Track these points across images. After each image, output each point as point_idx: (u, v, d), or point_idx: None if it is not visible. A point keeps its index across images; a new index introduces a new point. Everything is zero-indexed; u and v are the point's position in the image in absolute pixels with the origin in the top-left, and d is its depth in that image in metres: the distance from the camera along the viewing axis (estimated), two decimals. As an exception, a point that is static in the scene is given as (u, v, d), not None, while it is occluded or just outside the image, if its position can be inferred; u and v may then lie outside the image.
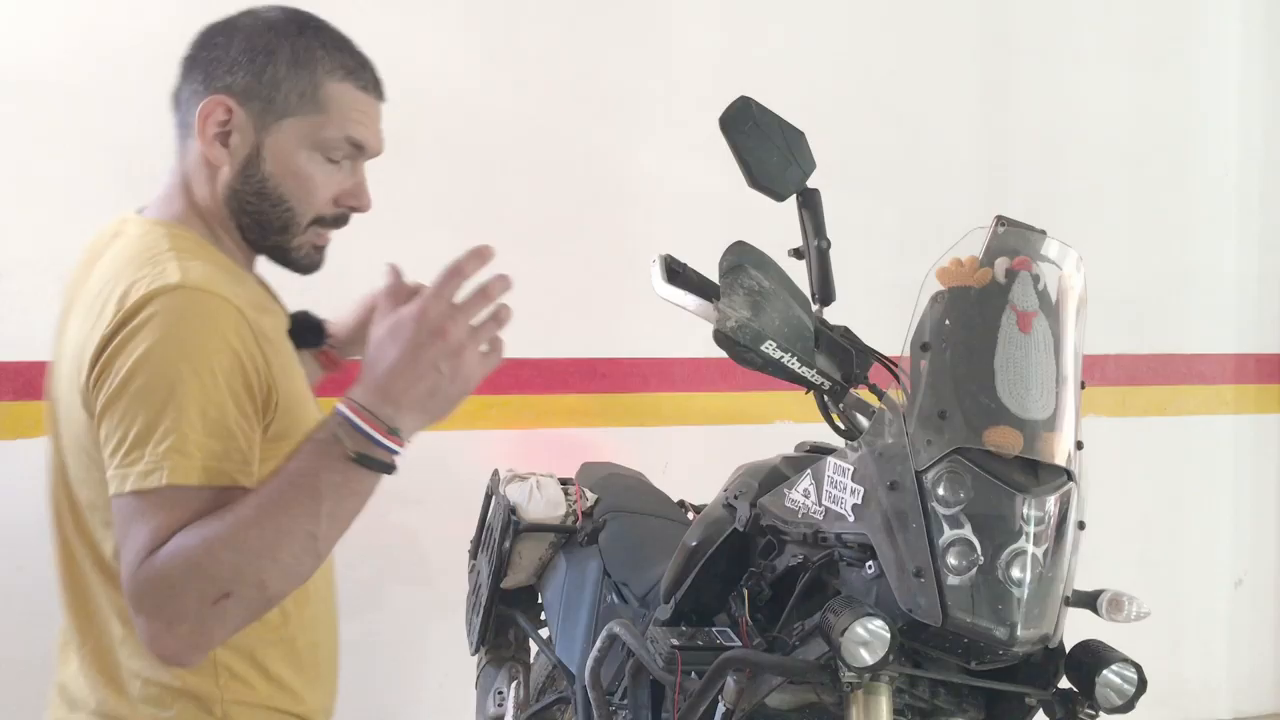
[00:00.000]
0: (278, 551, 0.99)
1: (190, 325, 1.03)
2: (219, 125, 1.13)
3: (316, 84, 1.13)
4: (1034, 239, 1.32)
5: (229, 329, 1.05)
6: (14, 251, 2.63)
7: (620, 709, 1.69)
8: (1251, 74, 3.49)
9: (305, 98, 1.13)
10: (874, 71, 3.17)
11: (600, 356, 2.95)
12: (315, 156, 1.15)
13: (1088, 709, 1.26)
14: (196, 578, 0.97)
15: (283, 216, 1.16)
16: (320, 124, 1.14)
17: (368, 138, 1.17)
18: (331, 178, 1.17)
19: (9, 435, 2.64)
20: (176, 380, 1.01)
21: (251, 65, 1.12)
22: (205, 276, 1.08)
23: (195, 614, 0.97)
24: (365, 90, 1.17)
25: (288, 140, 1.13)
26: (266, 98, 1.12)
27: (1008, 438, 1.21)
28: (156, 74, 2.67)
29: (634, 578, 1.93)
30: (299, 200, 1.16)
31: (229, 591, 0.97)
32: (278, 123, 1.13)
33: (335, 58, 1.14)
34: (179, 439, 1.00)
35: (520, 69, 2.88)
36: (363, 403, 0.99)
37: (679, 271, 1.45)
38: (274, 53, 1.12)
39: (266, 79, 1.12)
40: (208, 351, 1.03)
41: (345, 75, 1.15)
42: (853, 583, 1.32)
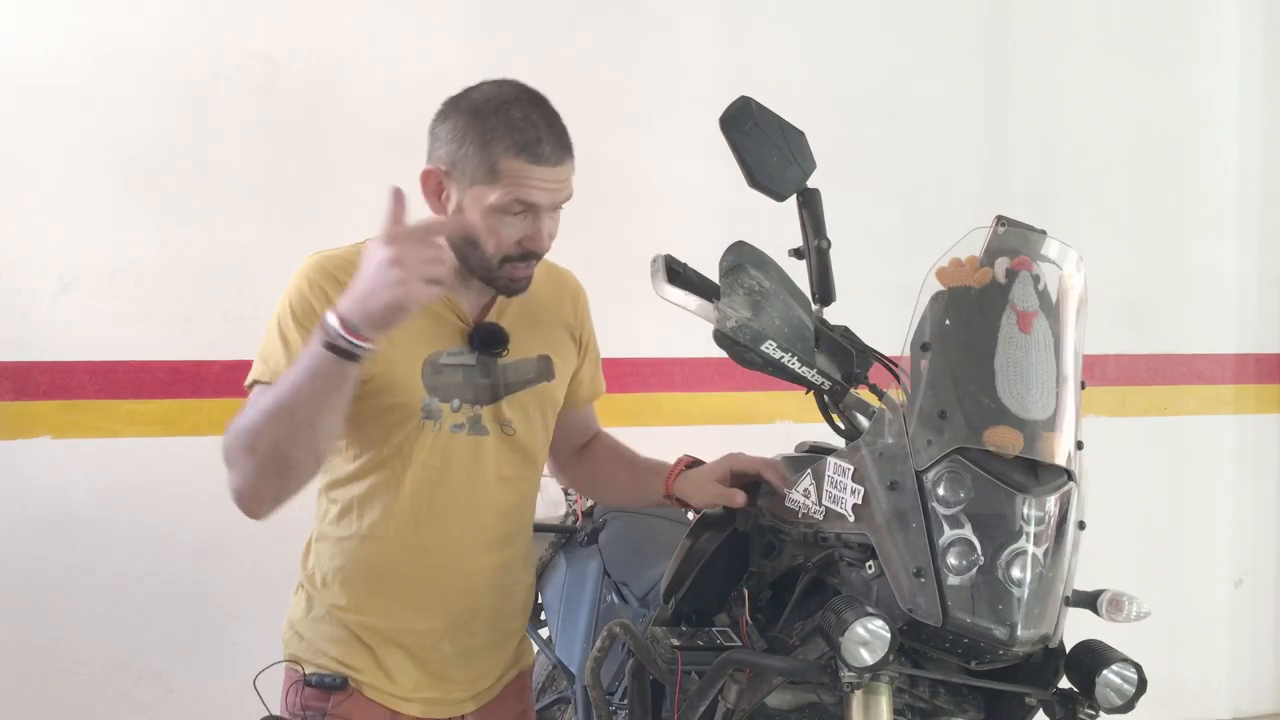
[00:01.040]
0: (278, 414, 1.28)
1: (293, 281, 1.46)
2: (435, 186, 1.46)
3: (492, 161, 1.41)
4: (1034, 239, 1.32)
5: (316, 290, 1.42)
6: (14, 251, 2.63)
7: (620, 709, 1.69)
8: (1251, 74, 3.49)
9: (486, 171, 1.41)
10: (874, 71, 3.17)
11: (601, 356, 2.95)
12: (499, 215, 1.43)
13: (1088, 709, 1.26)
14: (236, 434, 1.31)
15: (479, 257, 1.46)
16: (497, 191, 1.41)
17: (534, 197, 1.43)
18: (514, 227, 1.44)
19: (9, 435, 2.65)
20: (274, 320, 1.45)
21: (451, 143, 1.44)
22: (339, 255, 1.47)
23: (240, 463, 1.31)
24: (535, 161, 1.41)
25: (478, 201, 1.43)
26: (461, 170, 1.43)
27: (1008, 438, 1.21)
28: (156, 74, 2.70)
29: (634, 578, 1.93)
30: (489, 245, 1.45)
31: (253, 446, 1.29)
32: (470, 188, 1.43)
33: (511, 136, 1.41)
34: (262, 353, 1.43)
35: (520, 69, 2.86)
36: (339, 307, 1.25)
37: (679, 271, 1.45)
38: (466, 134, 1.42)
39: (460, 156, 1.43)
40: (294, 299, 1.44)
41: (518, 151, 1.41)
42: (853, 583, 1.32)
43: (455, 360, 1.51)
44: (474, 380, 1.52)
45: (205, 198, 2.71)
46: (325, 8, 2.78)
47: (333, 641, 1.53)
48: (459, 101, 1.47)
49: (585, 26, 2.95)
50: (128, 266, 2.68)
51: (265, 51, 2.74)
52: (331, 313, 1.24)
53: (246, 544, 2.57)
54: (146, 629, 2.73)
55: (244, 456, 1.30)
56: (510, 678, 1.67)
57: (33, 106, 2.62)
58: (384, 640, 1.53)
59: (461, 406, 1.50)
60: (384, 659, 1.53)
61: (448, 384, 1.49)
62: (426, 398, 1.47)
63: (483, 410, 1.52)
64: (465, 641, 1.57)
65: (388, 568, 1.52)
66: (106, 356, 2.68)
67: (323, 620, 1.54)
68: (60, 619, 2.70)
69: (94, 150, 2.65)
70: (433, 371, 1.48)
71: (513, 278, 1.48)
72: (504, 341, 1.53)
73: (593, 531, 2.11)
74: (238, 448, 1.31)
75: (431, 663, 1.55)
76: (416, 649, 1.54)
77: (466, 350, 1.52)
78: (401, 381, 1.46)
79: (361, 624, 1.53)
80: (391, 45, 2.80)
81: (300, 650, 1.55)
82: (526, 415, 1.57)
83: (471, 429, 1.51)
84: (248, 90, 2.72)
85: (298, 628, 1.57)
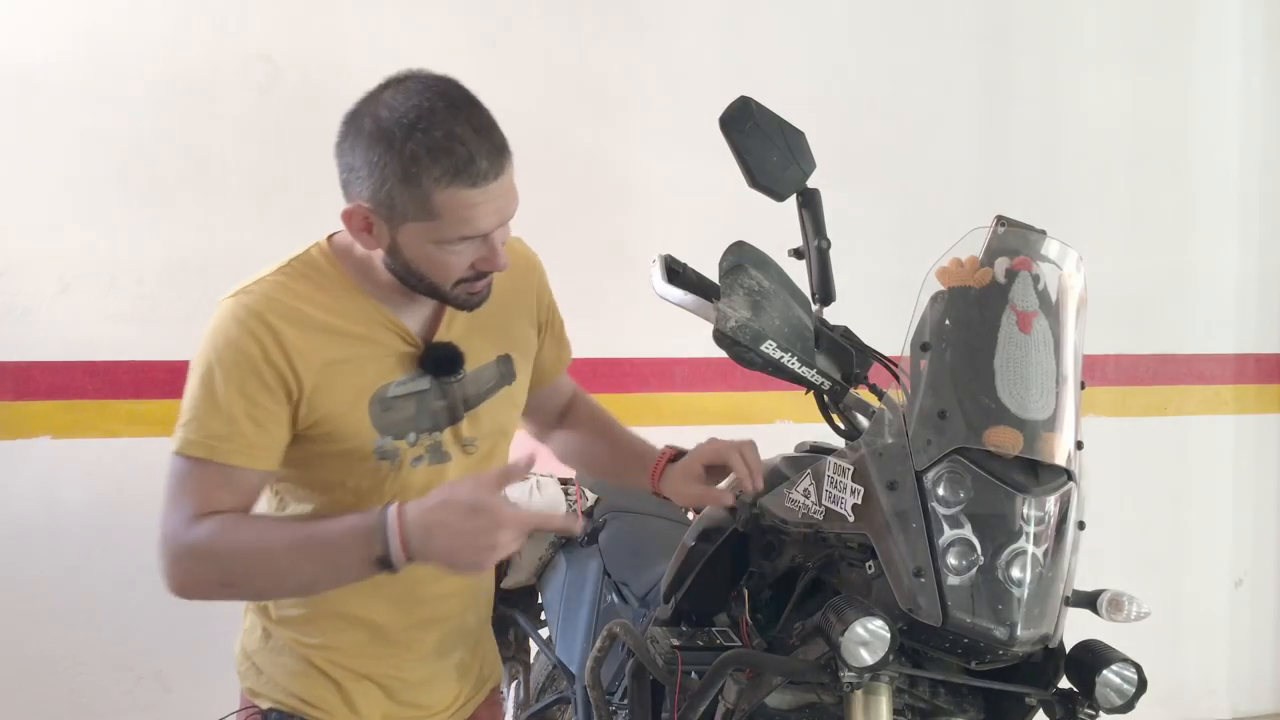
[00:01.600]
0: (282, 579, 1.25)
1: (218, 329, 1.30)
2: (362, 224, 1.29)
3: (425, 195, 1.23)
4: (1034, 239, 1.32)
5: (248, 336, 1.27)
6: (14, 251, 2.63)
7: (620, 709, 1.69)
8: (1251, 74, 3.49)
9: (420, 208, 1.24)
10: (874, 71, 3.17)
11: (600, 356, 2.95)
12: (444, 247, 1.27)
13: (1088, 709, 1.26)
14: (215, 566, 1.24)
15: (428, 285, 1.32)
16: (437, 227, 1.25)
17: (482, 227, 1.27)
18: (463, 256, 1.29)
19: (9, 435, 2.65)
20: (200, 371, 1.29)
21: (370, 179, 1.25)
22: (261, 293, 1.31)
23: (197, 582, 1.25)
24: (475, 184, 1.23)
25: (414, 238, 1.27)
26: (389, 207, 1.25)
27: (1008, 438, 1.21)
28: (156, 74, 2.70)
29: (634, 578, 1.93)
30: (437, 276, 1.31)
31: (234, 582, 1.25)
32: (403, 225, 1.26)
33: (441, 164, 1.21)
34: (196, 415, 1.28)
35: (520, 68, 2.88)
36: (410, 521, 1.19)
37: (679, 271, 1.45)
38: (386, 168, 1.23)
39: (384, 194, 1.24)
40: (222, 350, 1.28)
41: (452, 180, 1.22)
42: (853, 583, 1.32)
43: (406, 389, 1.36)
44: (429, 406, 1.39)
45: (205, 198, 2.71)
46: (325, 8, 2.78)
47: (293, 676, 1.43)
48: (361, 123, 1.26)
49: (585, 26, 2.95)
50: (128, 266, 2.68)
51: (265, 51, 2.74)
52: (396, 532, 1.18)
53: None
54: (146, 629, 2.72)
55: (214, 585, 1.26)
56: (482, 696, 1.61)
57: (33, 106, 2.62)
58: (350, 673, 1.44)
59: (419, 439, 1.38)
60: (350, 693, 1.44)
61: (400, 419, 1.36)
62: (378, 439, 1.35)
63: (442, 435, 1.40)
64: (436, 666, 1.50)
65: (351, 607, 1.41)
66: (106, 356, 2.68)
67: (282, 653, 1.44)
68: (60, 619, 2.69)
69: (94, 150, 2.65)
70: (382, 409, 1.35)
71: (470, 293, 1.35)
72: (459, 363, 1.39)
73: (593, 531, 2.11)
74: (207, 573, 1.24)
75: (400, 691, 1.47)
76: (385, 680, 1.45)
77: (418, 375, 1.37)
78: (349, 427, 1.33)
79: (325, 659, 1.43)
80: (391, 45, 2.80)
81: (258, 684, 1.46)
82: (489, 428, 1.46)
83: (432, 458, 1.40)
84: (248, 90, 2.72)
85: (255, 659, 1.47)
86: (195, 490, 1.27)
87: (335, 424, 1.32)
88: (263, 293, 1.32)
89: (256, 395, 1.27)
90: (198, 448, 1.27)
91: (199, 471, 1.27)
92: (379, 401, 1.35)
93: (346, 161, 1.28)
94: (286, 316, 1.30)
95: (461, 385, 1.42)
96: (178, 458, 1.29)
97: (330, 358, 1.31)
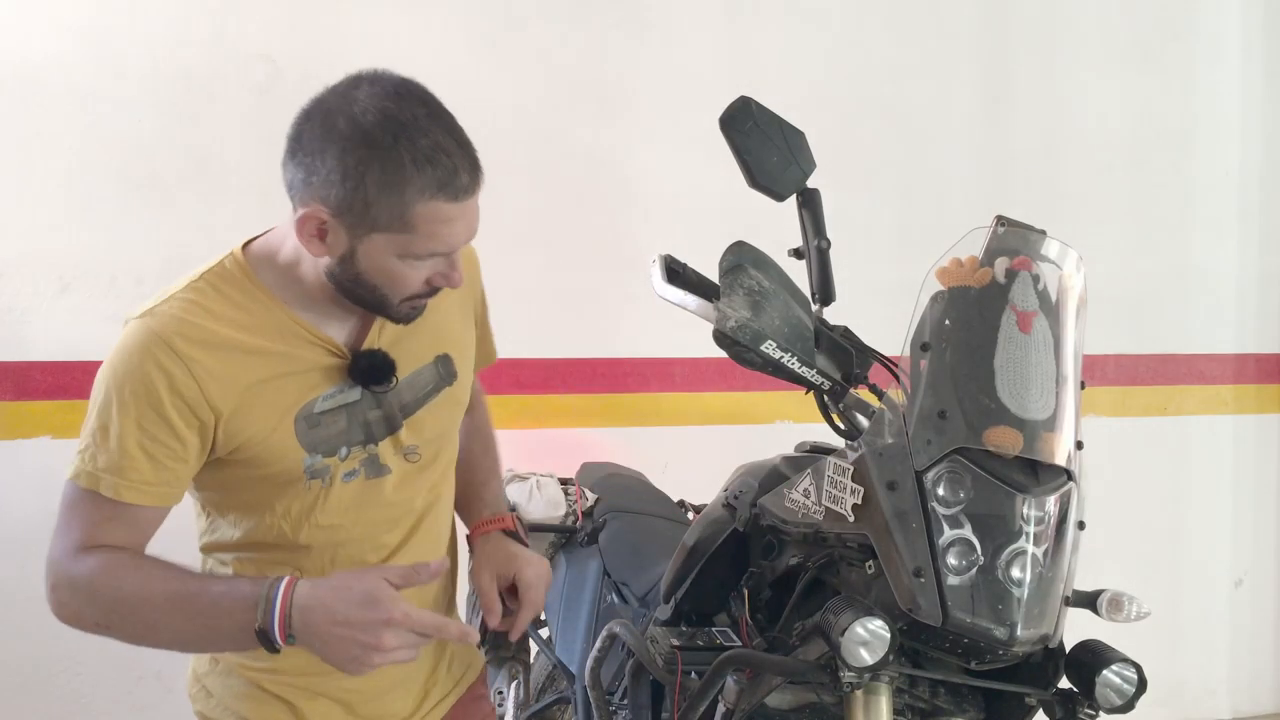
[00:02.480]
0: (158, 633, 1.20)
1: (121, 353, 1.22)
2: (316, 230, 1.20)
3: (405, 205, 1.16)
4: (1034, 239, 1.32)
5: (153, 366, 1.20)
6: (14, 251, 2.63)
7: (620, 709, 1.69)
8: (1251, 74, 3.49)
9: (395, 217, 1.16)
10: (874, 71, 3.17)
11: (600, 356, 2.95)
12: (406, 261, 1.20)
13: (1088, 709, 1.26)
14: (92, 606, 1.21)
15: (376, 298, 1.24)
16: (408, 241, 1.18)
17: (454, 243, 1.21)
18: (422, 271, 1.23)
19: (9, 435, 2.65)
20: (99, 397, 1.23)
21: (344, 184, 1.15)
22: (170, 314, 1.23)
23: (76, 615, 1.22)
24: (456, 199, 1.17)
25: (378, 249, 1.19)
26: (359, 214, 1.17)
27: (1008, 438, 1.21)
28: (156, 74, 2.70)
29: (634, 578, 1.93)
30: (391, 290, 1.23)
31: (110, 625, 1.21)
32: (369, 235, 1.18)
33: (426, 174, 1.15)
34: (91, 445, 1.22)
35: (520, 68, 2.88)
36: (296, 603, 1.13)
37: (679, 271, 1.45)
38: (365, 174, 1.15)
39: (358, 200, 1.16)
40: (123, 379, 1.21)
41: (435, 192, 1.16)
42: (853, 583, 1.32)
43: (334, 403, 1.28)
44: (362, 417, 1.30)
45: (205, 198, 2.71)
46: (325, 8, 2.78)
47: (243, 699, 1.36)
48: (334, 122, 1.17)
49: (585, 26, 2.95)
50: (128, 266, 2.68)
51: (265, 51, 2.74)
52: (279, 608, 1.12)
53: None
54: (146, 629, 2.72)
55: (90, 623, 1.21)
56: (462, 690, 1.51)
57: (33, 106, 2.62)
58: (303, 692, 1.35)
59: (351, 452, 1.30)
60: (305, 712, 1.36)
61: (329, 435, 1.28)
62: (307, 458, 1.26)
63: (379, 448, 1.32)
64: (395, 673, 1.37)
65: None
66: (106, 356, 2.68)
67: (230, 675, 1.36)
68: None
69: (94, 150, 2.65)
70: (309, 426, 1.26)
71: (413, 308, 1.27)
72: (390, 370, 1.30)
73: (593, 531, 2.11)
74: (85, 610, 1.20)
75: (359, 705, 1.38)
76: (341, 695, 1.37)
77: (347, 386, 1.29)
78: (274, 450, 1.25)
79: (274, 681, 1.35)
80: (391, 45, 2.80)
81: (208, 708, 1.39)
82: (432, 433, 1.38)
83: (369, 473, 1.32)
84: (248, 90, 2.72)
85: (204, 681, 1.40)
86: (83, 520, 1.22)
87: (259, 448, 1.25)
88: (172, 314, 1.23)
89: (156, 431, 1.20)
90: (87, 479, 1.21)
91: (88, 502, 1.21)
92: (304, 419, 1.26)
93: (307, 162, 1.18)
94: (198, 340, 1.21)
95: (397, 392, 1.33)
96: (70, 483, 1.23)
97: (248, 381, 1.23)
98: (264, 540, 1.31)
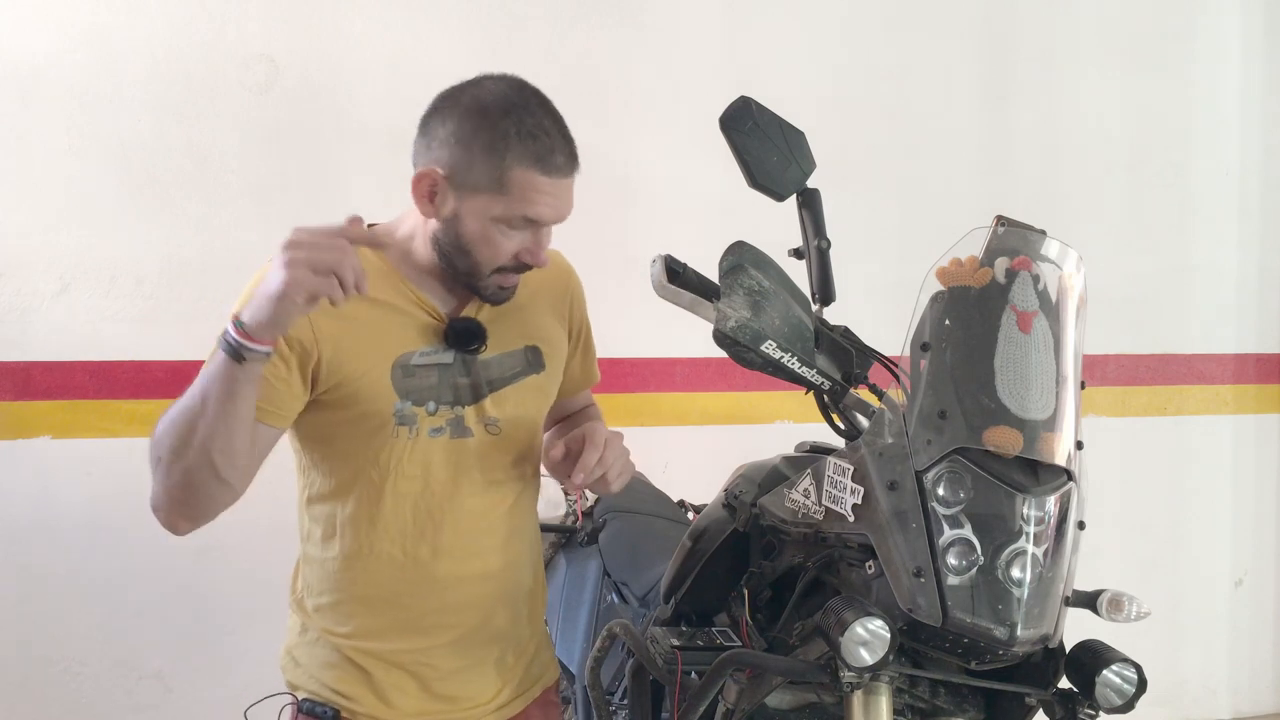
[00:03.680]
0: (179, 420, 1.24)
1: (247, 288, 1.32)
2: (428, 189, 1.35)
3: (504, 169, 1.31)
4: (1034, 239, 1.32)
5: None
6: (14, 251, 2.63)
7: (620, 709, 1.69)
8: (1251, 74, 3.49)
9: (493, 180, 1.32)
10: (874, 71, 3.17)
11: (600, 356, 2.95)
12: (500, 226, 1.35)
13: (1088, 709, 1.26)
14: (153, 449, 1.27)
15: (470, 264, 1.37)
16: (504, 203, 1.33)
17: (543, 214, 1.35)
18: (512, 240, 1.36)
19: (9, 435, 2.65)
20: None
21: (456, 146, 1.33)
22: None
23: (153, 473, 1.27)
24: (549, 174, 1.33)
25: (479, 211, 1.34)
26: (464, 175, 1.33)
27: (1007, 438, 1.21)
28: (156, 74, 2.70)
29: (634, 578, 1.93)
30: (483, 256, 1.36)
31: (158, 455, 1.26)
32: (473, 196, 1.33)
33: (525, 146, 1.31)
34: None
35: (520, 68, 2.87)
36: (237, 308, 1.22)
37: (679, 271, 1.45)
38: (474, 138, 1.32)
39: (464, 161, 1.32)
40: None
41: (532, 163, 1.32)
42: (853, 583, 1.32)
43: (429, 360, 1.40)
44: (452, 380, 1.42)
45: (205, 198, 2.71)
46: (325, 8, 2.78)
47: (327, 667, 1.45)
48: (460, 98, 1.35)
49: (585, 26, 2.95)
50: (128, 266, 2.68)
51: (265, 51, 2.74)
52: (232, 318, 1.19)
53: (246, 544, 2.57)
54: (146, 629, 2.73)
55: (153, 467, 1.27)
56: (533, 694, 1.56)
57: (33, 106, 2.62)
58: (381, 662, 1.44)
59: (439, 409, 1.41)
60: (381, 683, 1.44)
61: (421, 386, 1.39)
62: (399, 403, 1.38)
63: (465, 411, 1.42)
64: (470, 656, 1.47)
65: (378, 588, 1.43)
66: (106, 356, 2.68)
67: (317, 644, 1.46)
68: (60, 619, 2.70)
69: (94, 150, 2.65)
70: (404, 374, 1.38)
71: (501, 286, 1.41)
72: (481, 337, 1.42)
73: (593, 531, 2.11)
74: (152, 461, 1.27)
75: (434, 682, 1.45)
76: (417, 668, 1.45)
77: (442, 348, 1.41)
78: (369, 388, 1.37)
79: (356, 648, 1.44)
80: (391, 45, 2.80)
81: (296, 676, 1.48)
82: (514, 412, 1.47)
83: (453, 432, 1.42)
84: (248, 90, 2.73)
85: (294, 653, 1.50)
86: None
87: (357, 385, 1.36)
88: None
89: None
90: None
91: None
92: (401, 367, 1.38)
93: (433, 130, 1.35)
94: None
95: (486, 367, 1.44)
96: None
97: (353, 319, 1.35)
98: (353, 491, 1.41)
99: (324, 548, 1.44)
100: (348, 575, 1.43)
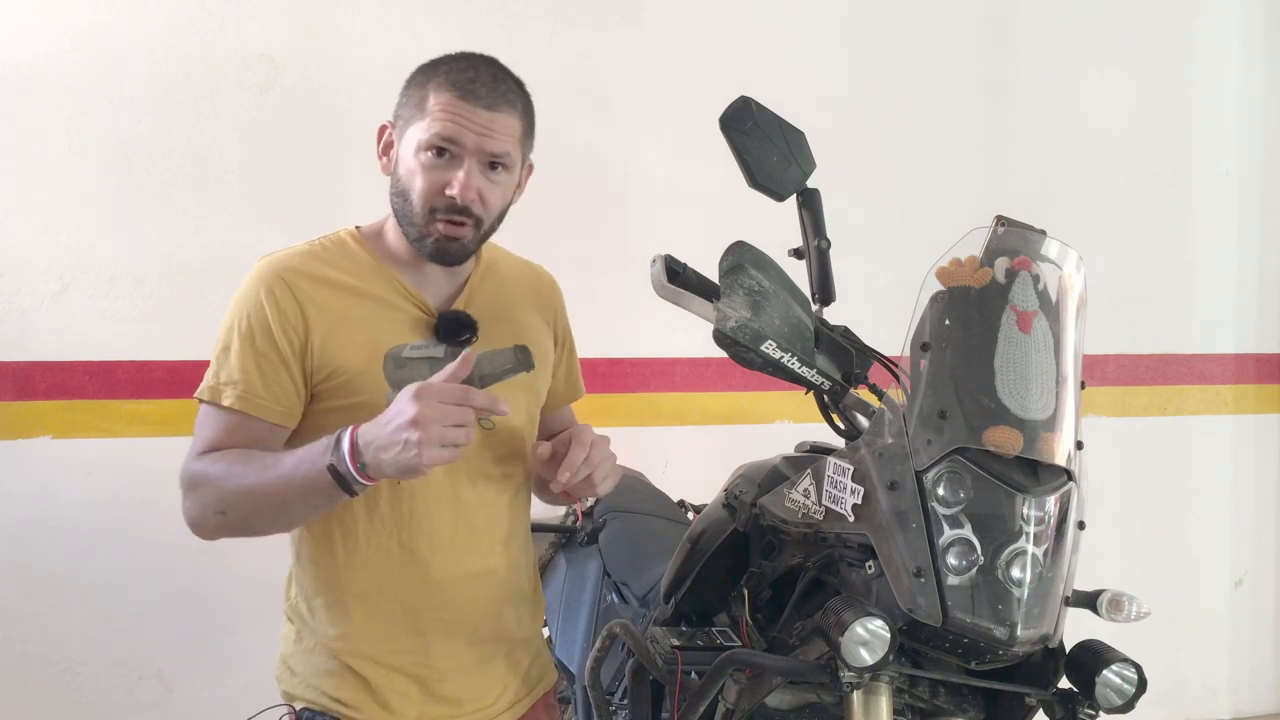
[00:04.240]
0: (258, 503, 1.31)
1: (242, 287, 1.41)
2: (386, 143, 1.44)
3: (425, 96, 1.38)
4: (1034, 239, 1.32)
5: (265, 291, 1.39)
6: (14, 251, 2.63)
7: (620, 709, 1.69)
8: (1251, 75, 3.49)
9: (416, 108, 1.39)
10: (874, 71, 3.17)
11: (600, 356, 2.95)
12: (426, 154, 1.38)
13: (1088, 709, 1.26)
14: (205, 486, 1.34)
15: (407, 208, 1.41)
16: (423, 127, 1.37)
17: (456, 134, 1.36)
18: (436, 170, 1.38)
19: (9, 435, 2.65)
20: (224, 326, 1.41)
21: (401, 95, 1.43)
22: (284, 256, 1.43)
23: (200, 512, 1.35)
24: (465, 99, 1.36)
25: (408, 143, 1.40)
26: (401, 115, 1.42)
27: (1007, 438, 1.21)
28: (156, 74, 2.70)
29: (634, 578, 1.93)
30: (413, 190, 1.39)
31: (224, 510, 1.33)
32: (405, 131, 1.41)
33: (449, 76, 1.38)
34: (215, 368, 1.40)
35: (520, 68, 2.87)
36: (359, 434, 1.25)
37: (679, 271, 1.45)
38: (412, 81, 1.41)
39: (402, 101, 1.42)
40: (240, 306, 1.40)
41: (450, 87, 1.37)
42: (853, 583, 1.32)
43: (420, 353, 1.42)
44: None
45: (205, 198, 2.71)
46: (325, 8, 2.78)
47: (325, 675, 1.44)
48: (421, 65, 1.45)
49: (585, 26, 2.95)
50: (128, 266, 2.68)
51: (265, 51, 2.74)
52: (347, 437, 1.24)
53: (246, 544, 2.55)
54: (146, 629, 2.73)
55: (211, 513, 1.33)
56: (535, 696, 1.57)
57: (33, 106, 2.62)
58: (380, 667, 1.43)
59: None
60: (381, 688, 1.43)
61: (412, 378, 1.36)
62: (390, 394, 1.35)
63: None
64: (469, 656, 1.47)
65: (373, 587, 1.42)
66: (106, 356, 2.68)
67: (313, 652, 1.45)
68: (60, 619, 2.70)
69: (94, 150, 2.65)
70: (395, 366, 1.40)
71: (446, 236, 1.40)
72: (471, 328, 1.45)
73: (593, 531, 2.11)
74: (205, 501, 1.33)
75: (435, 684, 1.45)
76: (417, 670, 1.44)
77: (433, 342, 1.44)
78: (361, 380, 1.39)
79: (354, 652, 1.43)
80: (391, 45, 2.80)
81: (293, 686, 1.47)
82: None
83: None
84: (248, 90, 2.73)
85: (290, 662, 1.48)
86: (207, 431, 1.38)
87: (348, 376, 1.39)
88: (286, 255, 1.44)
89: (266, 349, 1.37)
90: (210, 392, 1.39)
91: (211, 414, 1.39)
92: (392, 359, 1.41)
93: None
94: (306, 274, 1.41)
95: (476, 363, 1.40)
96: (199, 404, 1.41)
97: (345, 311, 1.40)
98: None
99: (317, 549, 1.45)
100: (343, 575, 1.43)
